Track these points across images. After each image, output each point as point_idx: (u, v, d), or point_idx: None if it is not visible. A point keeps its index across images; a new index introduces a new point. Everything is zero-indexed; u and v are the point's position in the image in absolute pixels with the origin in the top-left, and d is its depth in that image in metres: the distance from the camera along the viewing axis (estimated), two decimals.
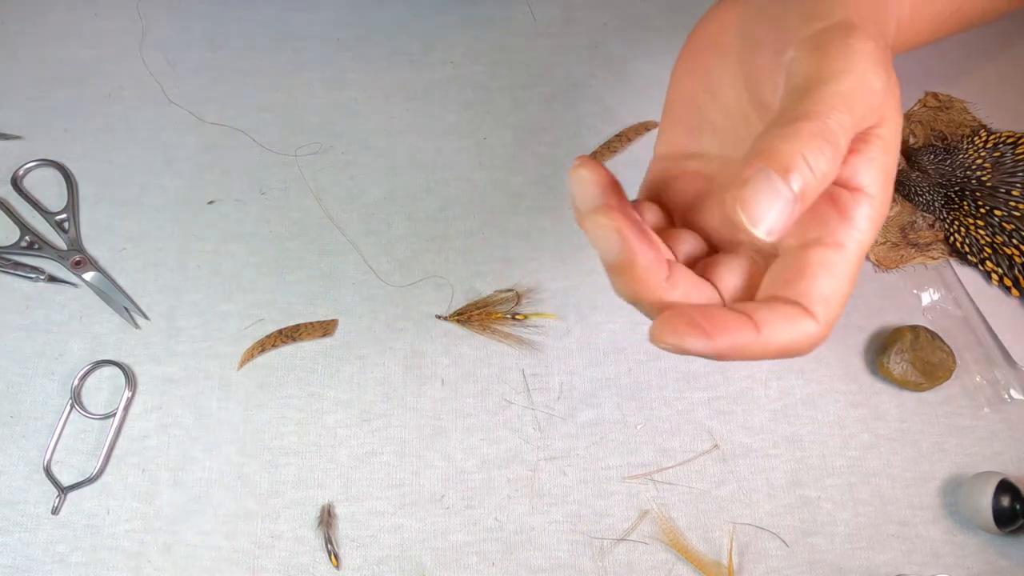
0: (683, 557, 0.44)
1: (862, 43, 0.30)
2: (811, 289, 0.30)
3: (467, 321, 0.49)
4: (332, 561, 0.44)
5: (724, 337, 0.28)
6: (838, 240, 0.30)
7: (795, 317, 0.29)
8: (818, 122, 0.27)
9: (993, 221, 0.49)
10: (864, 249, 0.31)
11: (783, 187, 0.26)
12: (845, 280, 0.30)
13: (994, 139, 0.52)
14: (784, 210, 0.27)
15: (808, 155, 0.27)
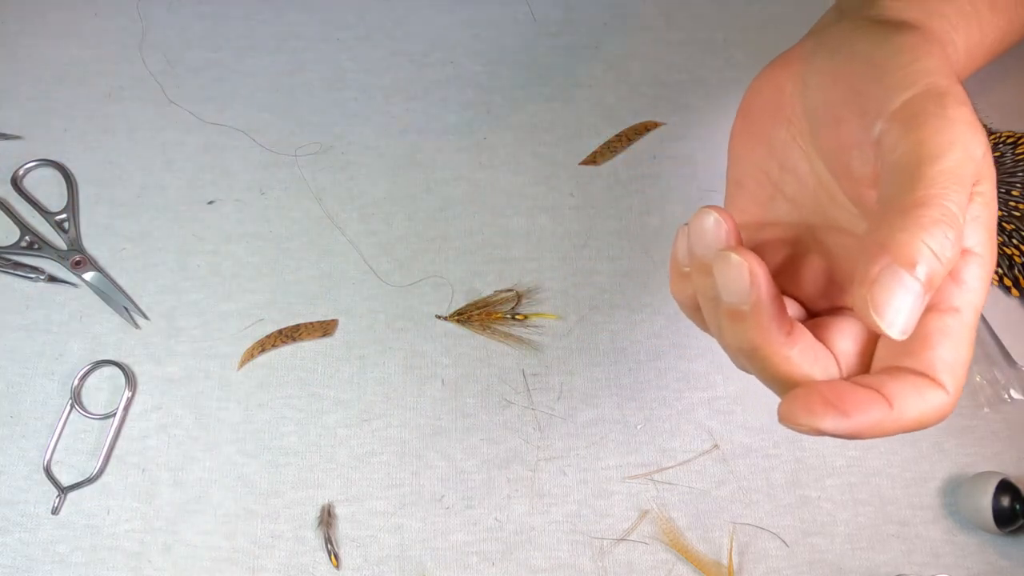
0: (683, 557, 0.44)
1: (958, 110, 0.29)
2: (935, 358, 0.29)
3: (467, 321, 0.49)
4: (332, 561, 0.44)
5: (860, 416, 0.27)
6: (953, 305, 0.29)
7: (925, 389, 0.28)
8: (937, 208, 0.26)
9: None
10: (979, 310, 0.30)
11: (912, 282, 0.26)
12: (965, 345, 0.29)
13: (994, 139, 0.52)
14: (915, 305, 0.26)
15: (933, 244, 0.26)
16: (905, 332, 0.26)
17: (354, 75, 0.56)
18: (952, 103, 0.29)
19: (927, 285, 0.26)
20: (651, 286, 0.50)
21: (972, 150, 0.28)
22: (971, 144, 0.28)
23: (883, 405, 0.27)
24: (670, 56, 0.57)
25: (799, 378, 0.30)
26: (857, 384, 0.28)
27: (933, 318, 0.29)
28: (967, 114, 0.29)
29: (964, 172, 0.28)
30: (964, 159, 0.28)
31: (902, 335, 0.26)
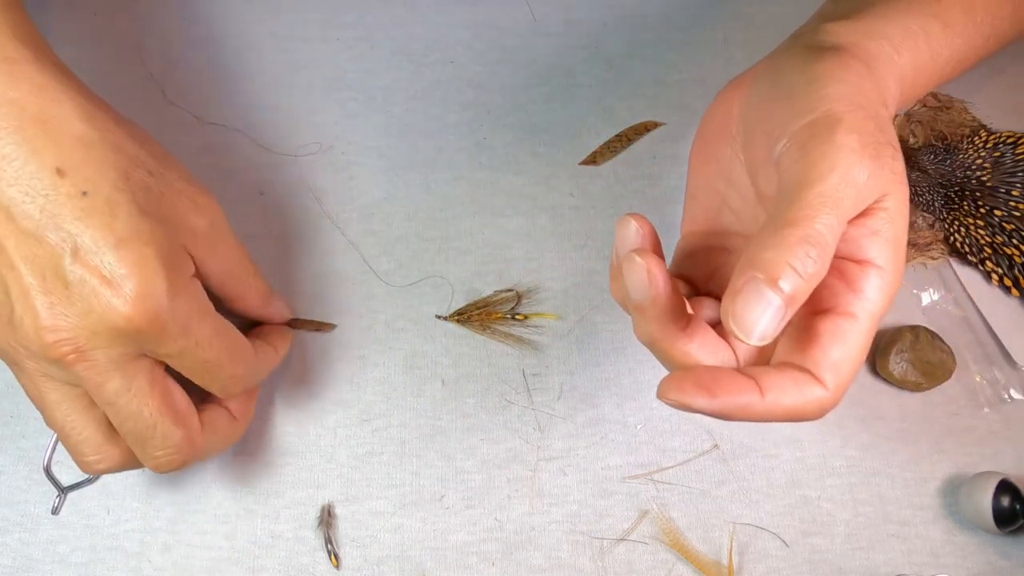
0: (683, 557, 0.44)
1: (845, 137, 0.31)
2: (821, 356, 0.31)
3: (467, 321, 0.49)
4: (332, 561, 0.44)
5: (727, 397, 0.29)
6: (850, 310, 0.32)
7: (803, 383, 0.31)
8: (804, 228, 0.29)
9: (993, 221, 0.49)
10: (875, 319, 0.32)
11: (773, 296, 0.29)
12: (856, 348, 0.31)
13: (994, 139, 0.52)
14: (775, 316, 0.29)
15: (795, 262, 0.29)
16: (763, 339, 0.29)
17: (354, 75, 0.56)
18: (842, 130, 0.31)
19: (788, 300, 0.29)
20: None
21: (853, 175, 0.30)
22: (852, 170, 0.30)
23: (754, 392, 0.30)
24: (670, 56, 0.57)
25: (694, 367, 0.33)
26: (738, 372, 0.30)
27: (828, 320, 0.32)
28: (854, 141, 0.31)
29: (839, 196, 0.30)
30: (840, 183, 0.30)
31: (760, 342, 0.29)
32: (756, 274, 0.29)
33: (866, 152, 0.31)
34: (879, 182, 0.32)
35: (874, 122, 0.33)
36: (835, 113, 0.32)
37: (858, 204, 0.31)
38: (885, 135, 0.33)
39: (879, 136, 0.32)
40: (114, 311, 0.33)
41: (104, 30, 0.57)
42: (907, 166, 0.52)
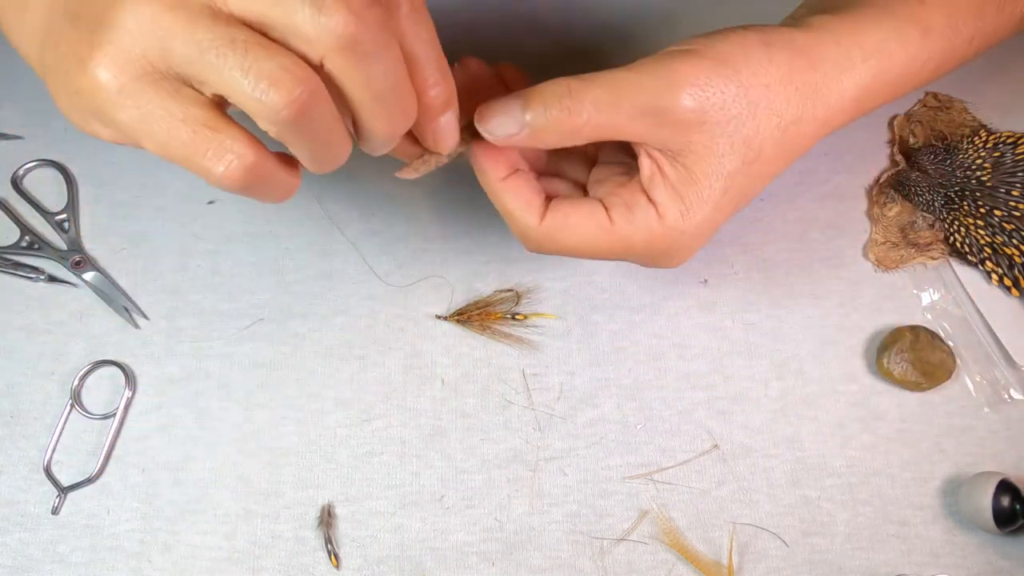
0: (683, 557, 0.44)
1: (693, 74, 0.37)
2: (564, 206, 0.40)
3: (467, 321, 0.49)
4: (332, 561, 0.44)
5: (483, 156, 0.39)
6: (613, 217, 0.40)
7: (528, 200, 0.40)
8: (575, 83, 0.38)
9: (993, 221, 0.49)
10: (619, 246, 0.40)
11: (520, 115, 0.37)
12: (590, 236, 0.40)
13: (994, 139, 0.52)
14: (511, 129, 0.37)
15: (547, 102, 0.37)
16: (492, 134, 0.38)
17: None
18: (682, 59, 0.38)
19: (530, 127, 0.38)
20: (651, 286, 0.50)
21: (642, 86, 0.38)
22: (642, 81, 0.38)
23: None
24: None
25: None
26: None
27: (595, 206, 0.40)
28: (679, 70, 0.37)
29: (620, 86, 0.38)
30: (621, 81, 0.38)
31: (489, 135, 0.38)
32: (521, 96, 0.37)
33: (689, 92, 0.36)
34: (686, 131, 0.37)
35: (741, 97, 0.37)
36: (696, 50, 0.38)
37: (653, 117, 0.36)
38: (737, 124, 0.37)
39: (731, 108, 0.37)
40: None
41: None
42: (907, 166, 0.53)
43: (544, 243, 0.40)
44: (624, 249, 0.39)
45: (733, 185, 0.38)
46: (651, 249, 0.39)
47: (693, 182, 0.38)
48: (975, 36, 0.44)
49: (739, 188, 0.39)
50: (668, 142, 0.37)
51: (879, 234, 0.51)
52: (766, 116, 0.38)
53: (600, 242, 0.39)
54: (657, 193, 0.38)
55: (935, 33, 0.42)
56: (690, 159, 0.37)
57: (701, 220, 0.38)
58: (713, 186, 0.38)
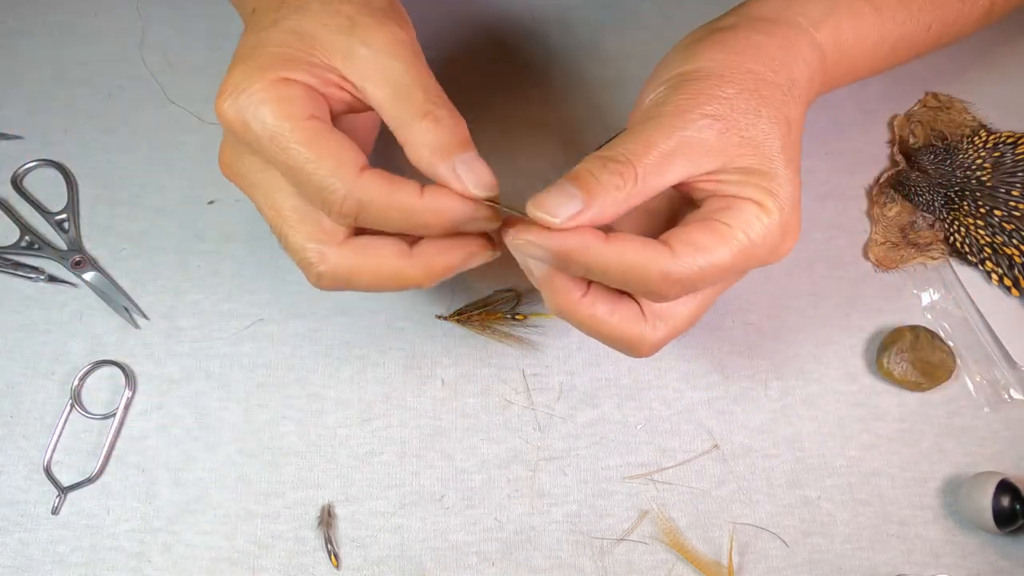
0: (683, 557, 0.44)
1: (690, 97, 0.37)
2: (680, 231, 0.36)
3: (467, 321, 0.49)
4: (332, 561, 0.44)
5: (565, 235, 0.34)
6: (722, 219, 0.36)
7: (650, 243, 0.35)
8: (607, 151, 0.36)
9: (993, 221, 0.49)
10: (751, 239, 0.36)
11: (573, 189, 0.34)
12: (716, 243, 0.35)
13: (994, 139, 0.52)
14: (571, 205, 0.34)
15: (593, 170, 0.35)
16: (557, 217, 0.34)
17: None
18: (688, 91, 0.38)
19: (586, 199, 0.34)
20: None
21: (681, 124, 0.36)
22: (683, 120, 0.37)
23: (597, 236, 0.34)
24: None
25: (602, 326, 0.37)
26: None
27: (704, 222, 0.36)
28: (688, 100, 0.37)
29: (650, 134, 0.36)
30: (653, 127, 0.36)
31: (555, 220, 0.34)
32: (566, 177, 0.35)
33: (704, 110, 0.36)
34: (720, 142, 0.36)
35: (739, 88, 0.37)
36: (703, 70, 0.38)
37: (687, 148, 0.36)
38: (758, 103, 0.37)
39: (737, 101, 0.37)
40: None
41: (104, 30, 0.57)
42: (907, 166, 0.53)
43: (689, 278, 0.35)
44: (746, 249, 0.36)
45: (784, 154, 0.38)
46: (767, 238, 0.37)
47: (756, 173, 0.37)
48: (932, 23, 0.45)
49: (789, 155, 0.38)
50: (709, 165, 0.37)
51: (879, 234, 0.51)
52: (770, 91, 0.38)
53: (731, 255, 0.36)
54: (739, 190, 0.37)
55: (887, 13, 0.44)
56: (742, 162, 0.37)
57: (786, 188, 0.37)
58: (775, 162, 0.37)
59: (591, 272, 0.35)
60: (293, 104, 0.34)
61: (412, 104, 0.35)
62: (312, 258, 0.36)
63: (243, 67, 0.35)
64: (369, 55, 0.36)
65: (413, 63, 0.36)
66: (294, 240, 0.36)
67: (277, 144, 0.34)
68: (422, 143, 0.35)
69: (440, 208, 0.35)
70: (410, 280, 0.37)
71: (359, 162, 0.35)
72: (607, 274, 0.35)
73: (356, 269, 0.36)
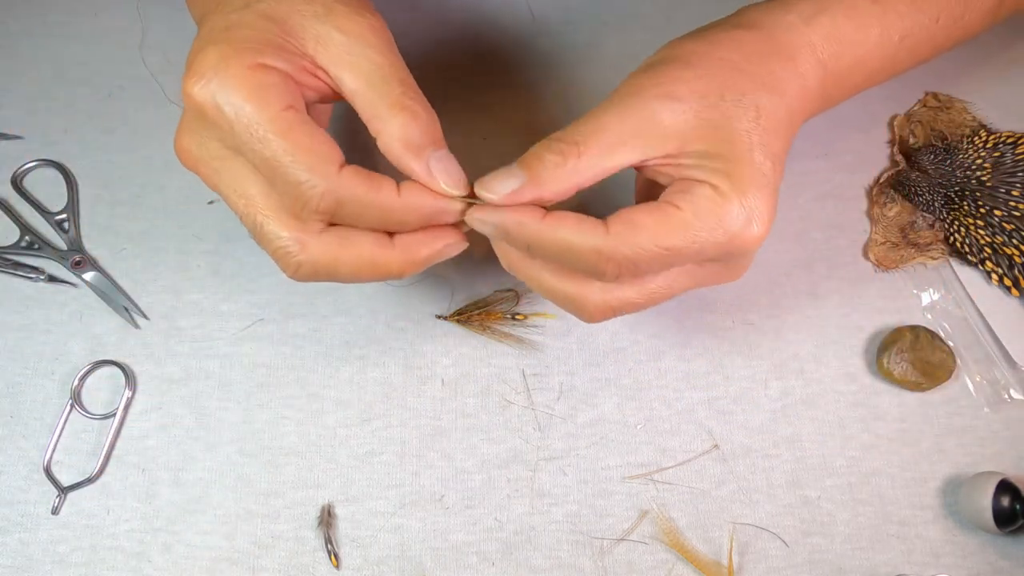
0: (683, 557, 0.44)
1: (647, 79, 0.37)
2: (623, 212, 0.36)
3: (467, 321, 0.49)
4: (332, 561, 0.44)
5: (508, 211, 0.36)
6: (674, 201, 0.36)
7: (586, 220, 0.36)
8: (558, 133, 0.37)
9: (993, 221, 0.49)
10: (704, 222, 0.36)
11: (516, 169, 0.36)
12: (666, 227, 0.35)
13: (994, 139, 0.52)
14: (513, 182, 0.36)
15: (540, 151, 0.36)
16: (495, 194, 0.36)
17: None
18: (645, 72, 0.39)
19: (530, 177, 0.36)
20: None
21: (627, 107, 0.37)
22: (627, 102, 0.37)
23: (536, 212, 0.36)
24: None
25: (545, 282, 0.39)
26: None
27: (653, 203, 0.37)
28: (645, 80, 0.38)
29: (603, 117, 0.37)
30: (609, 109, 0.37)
31: (495, 196, 0.36)
32: (518, 159, 0.36)
33: (664, 99, 0.36)
34: (675, 123, 0.36)
35: (700, 72, 0.37)
36: (672, 56, 0.38)
37: (640, 129, 0.36)
38: (720, 86, 0.37)
39: (696, 84, 0.37)
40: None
41: (104, 30, 0.57)
42: (907, 166, 0.53)
43: (624, 256, 0.35)
44: (693, 230, 0.35)
45: (749, 138, 0.37)
46: (721, 221, 0.36)
47: (714, 156, 0.36)
48: (939, 15, 0.45)
49: (757, 140, 0.37)
50: (664, 147, 0.37)
51: (879, 234, 0.51)
52: (737, 77, 0.38)
53: (674, 236, 0.35)
54: (696, 173, 0.36)
55: (887, 4, 0.43)
56: (699, 144, 0.36)
57: (748, 171, 0.36)
58: (736, 145, 0.37)
59: (531, 247, 0.36)
60: (271, 92, 0.34)
61: (388, 96, 0.36)
62: (291, 248, 0.36)
63: (216, 49, 0.34)
64: (344, 43, 0.35)
65: (388, 54, 0.36)
66: (270, 229, 0.36)
67: (253, 134, 0.33)
68: (397, 136, 0.35)
69: (418, 206, 0.36)
70: (390, 270, 0.37)
71: (337, 158, 0.35)
72: (544, 249, 0.36)
73: (336, 260, 0.36)
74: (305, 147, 0.34)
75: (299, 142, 0.34)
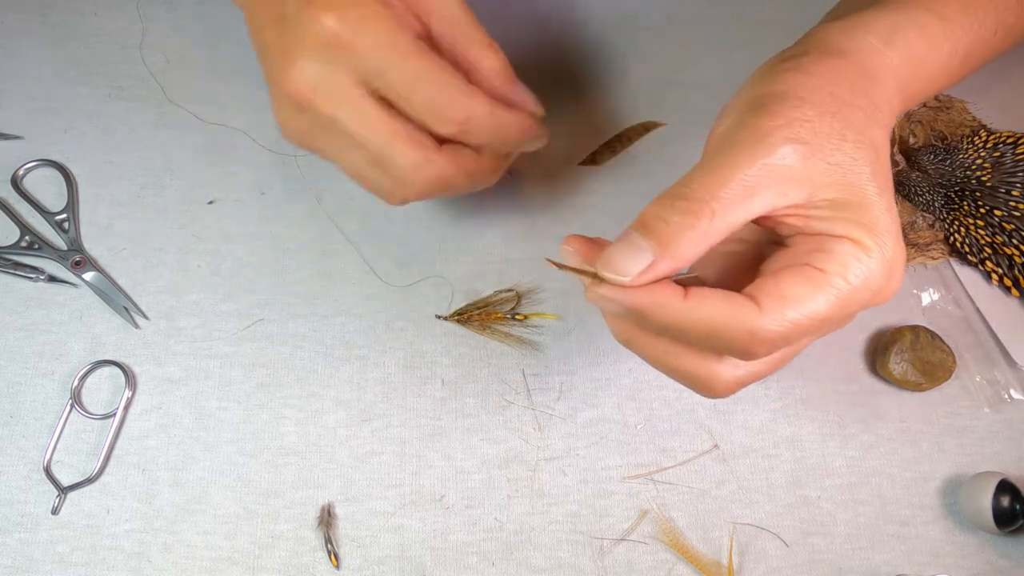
0: (683, 557, 0.44)
1: (770, 120, 0.33)
2: (769, 284, 0.32)
3: (467, 321, 0.49)
4: (332, 561, 0.44)
5: (643, 291, 0.32)
6: (818, 265, 0.33)
7: (734, 297, 0.32)
8: (676, 188, 0.33)
9: (993, 221, 0.49)
10: (850, 284, 0.32)
11: (640, 240, 0.32)
12: (815, 295, 0.32)
13: (994, 139, 0.52)
14: (640, 258, 0.32)
15: (661, 212, 0.32)
16: (625, 275, 0.32)
17: None
18: (769, 114, 0.34)
19: (657, 246, 0.31)
20: None
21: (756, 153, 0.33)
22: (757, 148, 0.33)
23: (676, 292, 0.32)
24: (670, 56, 0.57)
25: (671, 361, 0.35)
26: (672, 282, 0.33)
27: (795, 267, 0.33)
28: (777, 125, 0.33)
29: (723, 169, 0.33)
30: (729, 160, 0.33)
31: (625, 277, 0.32)
32: (634, 226, 0.32)
33: (788, 137, 0.33)
34: (806, 168, 0.33)
35: (820, 111, 0.34)
36: (784, 92, 0.34)
37: (769, 177, 0.32)
38: (842, 126, 0.34)
39: (819, 124, 0.33)
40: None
41: (104, 30, 0.57)
42: (907, 166, 0.53)
43: (779, 336, 0.32)
44: (846, 296, 0.33)
45: (875, 182, 0.34)
46: (870, 281, 0.33)
47: (848, 205, 0.33)
48: (997, 27, 0.44)
49: (881, 183, 0.35)
50: (795, 195, 0.33)
51: None
52: (852, 114, 0.35)
53: (827, 305, 0.32)
54: (832, 227, 0.33)
55: (953, 20, 0.42)
56: (830, 192, 0.33)
57: (884, 220, 0.34)
58: (867, 191, 0.34)
59: (668, 330, 0.33)
60: (402, 21, 0.38)
61: (475, 37, 0.40)
62: (422, 163, 0.39)
63: (329, 6, 0.37)
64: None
65: (463, 3, 0.41)
66: (400, 150, 0.39)
67: (398, 52, 0.37)
68: (495, 68, 0.41)
69: (521, 123, 0.41)
70: (486, 174, 0.42)
71: (463, 78, 0.39)
72: (686, 333, 0.32)
73: (455, 172, 0.40)
74: (439, 67, 0.38)
75: (435, 63, 0.38)
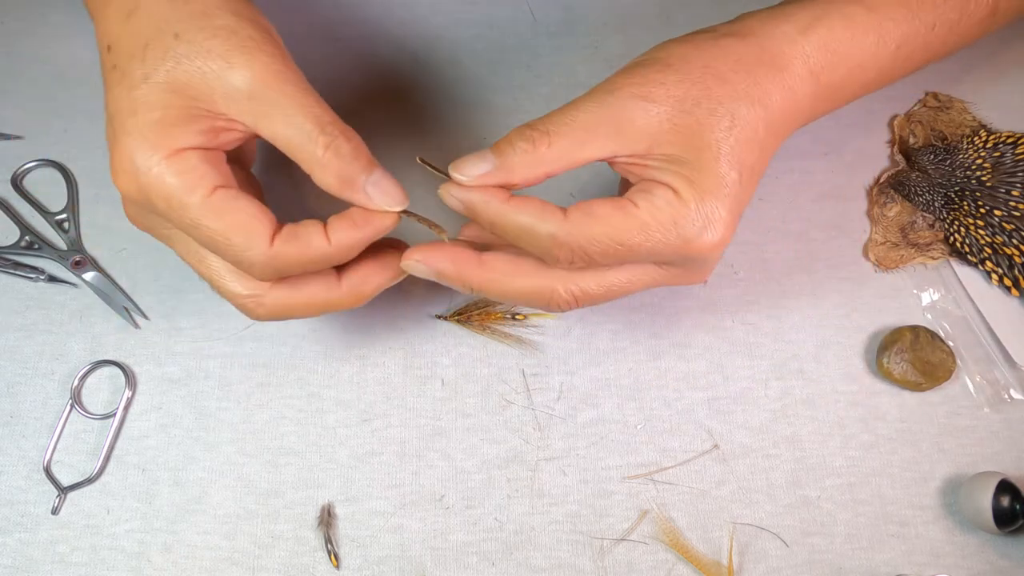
0: (683, 557, 0.44)
1: (626, 78, 0.39)
2: (584, 205, 0.37)
3: (467, 321, 0.49)
4: (332, 561, 0.44)
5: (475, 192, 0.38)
6: (632, 199, 0.37)
7: (547, 208, 0.37)
8: (533, 121, 0.38)
9: (993, 221, 0.49)
10: (659, 221, 0.37)
11: (487, 154, 0.37)
12: (622, 219, 0.36)
13: (994, 139, 0.52)
14: (483, 166, 0.37)
15: (512, 137, 0.37)
16: (467, 176, 0.38)
17: (354, 76, 0.56)
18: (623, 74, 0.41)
19: (500, 163, 0.37)
20: None
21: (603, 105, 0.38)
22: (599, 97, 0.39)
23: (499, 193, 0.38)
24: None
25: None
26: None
27: (614, 199, 0.38)
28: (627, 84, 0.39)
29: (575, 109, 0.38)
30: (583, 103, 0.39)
31: (465, 177, 0.38)
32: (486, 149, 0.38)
33: (637, 98, 0.38)
34: (648, 124, 0.37)
35: (681, 77, 0.38)
36: (655, 59, 0.39)
37: (611, 125, 0.37)
38: (700, 94, 0.38)
39: (674, 89, 0.38)
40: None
41: None
42: (907, 166, 0.53)
43: (577, 244, 0.37)
44: (647, 229, 0.37)
45: (718, 147, 0.38)
46: (676, 224, 0.37)
47: (681, 161, 0.37)
48: (936, 23, 0.45)
49: (727, 150, 0.38)
50: (634, 146, 0.38)
51: (879, 234, 0.51)
52: (717, 85, 0.38)
53: (627, 233, 0.36)
54: (660, 175, 0.38)
55: (882, 12, 0.43)
56: (668, 148, 0.38)
57: (712, 180, 0.37)
58: (704, 153, 0.37)
59: (494, 227, 0.38)
60: (194, 176, 0.35)
61: (308, 139, 0.36)
62: (249, 304, 0.39)
63: (130, 142, 0.35)
64: (253, 97, 0.36)
65: (296, 94, 0.36)
66: (228, 288, 0.39)
67: (187, 219, 0.35)
68: (329, 173, 0.36)
69: (349, 244, 0.37)
70: (342, 306, 0.40)
71: (268, 230, 0.36)
72: (505, 229, 0.38)
73: (291, 307, 0.39)
74: (237, 227, 0.35)
75: (230, 223, 0.35)
